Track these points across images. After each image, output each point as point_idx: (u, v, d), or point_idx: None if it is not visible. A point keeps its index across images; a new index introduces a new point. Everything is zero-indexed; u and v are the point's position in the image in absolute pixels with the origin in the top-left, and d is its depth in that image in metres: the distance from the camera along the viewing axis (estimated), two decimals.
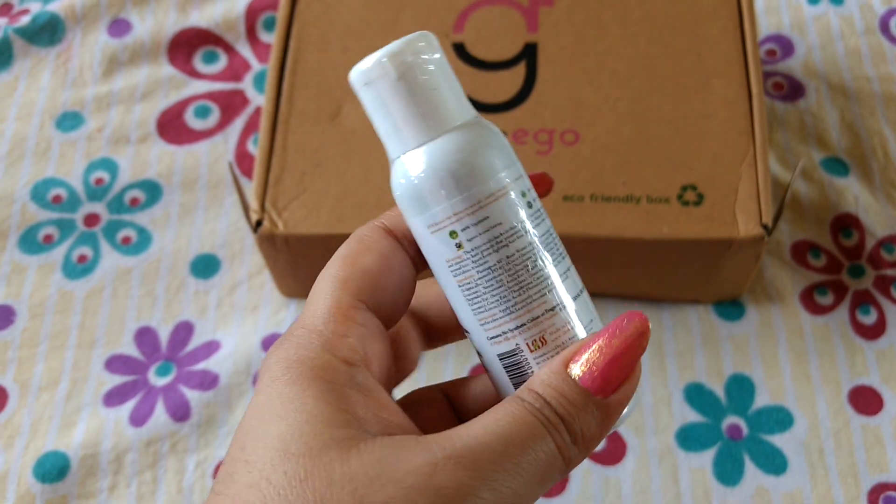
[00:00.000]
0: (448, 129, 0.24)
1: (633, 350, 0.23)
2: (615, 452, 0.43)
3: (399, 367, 0.27)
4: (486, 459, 0.21)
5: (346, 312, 0.24)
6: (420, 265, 0.26)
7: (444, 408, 0.28)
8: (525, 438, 0.22)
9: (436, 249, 0.24)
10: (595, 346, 0.23)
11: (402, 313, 0.26)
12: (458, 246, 0.24)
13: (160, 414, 0.45)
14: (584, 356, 0.23)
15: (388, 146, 0.25)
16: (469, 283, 0.24)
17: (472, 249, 0.24)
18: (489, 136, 0.24)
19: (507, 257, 0.24)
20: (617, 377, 0.23)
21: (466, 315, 0.25)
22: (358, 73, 0.24)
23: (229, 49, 0.57)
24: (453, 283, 0.24)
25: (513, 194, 0.24)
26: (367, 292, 0.25)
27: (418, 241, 0.25)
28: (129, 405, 0.45)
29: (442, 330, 0.28)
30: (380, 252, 0.25)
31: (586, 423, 0.23)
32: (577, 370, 0.23)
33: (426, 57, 0.24)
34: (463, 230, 0.24)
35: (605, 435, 0.24)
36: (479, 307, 0.24)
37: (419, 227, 0.25)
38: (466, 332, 0.26)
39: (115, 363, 0.47)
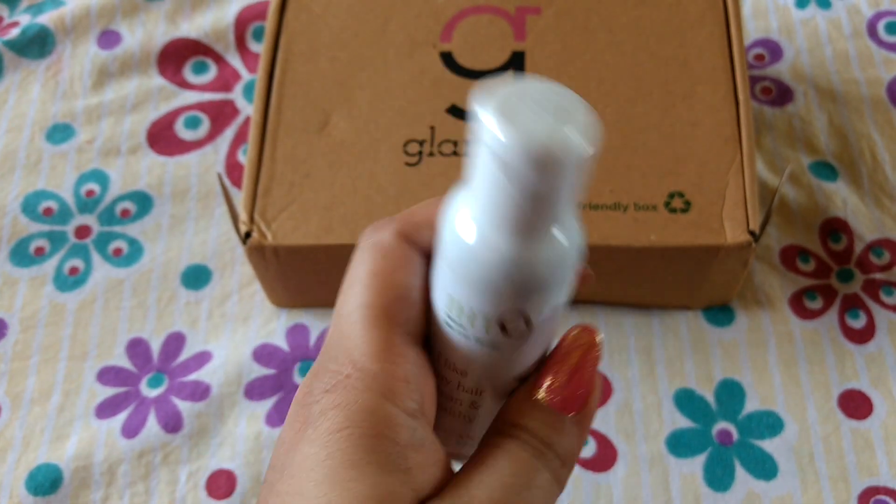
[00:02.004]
0: (540, 237, 0.21)
1: (590, 364, 0.24)
2: (606, 459, 0.43)
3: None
4: None
5: (398, 350, 0.22)
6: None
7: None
8: (529, 479, 0.22)
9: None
10: (553, 373, 0.24)
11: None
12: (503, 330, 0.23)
13: (152, 425, 0.45)
14: (546, 383, 0.24)
15: (474, 202, 0.21)
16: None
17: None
18: (571, 253, 0.22)
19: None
20: (582, 393, 0.23)
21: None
22: (511, 145, 0.19)
23: (219, 59, 0.57)
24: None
25: (558, 310, 0.23)
26: (410, 322, 0.23)
27: (435, 294, 0.23)
28: (122, 417, 0.45)
29: None
30: (412, 270, 0.23)
31: (568, 442, 0.23)
32: (544, 396, 0.23)
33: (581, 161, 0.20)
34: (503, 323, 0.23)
35: (582, 446, 0.24)
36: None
37: (462, 294, 0.22)
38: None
39: (107, 375, 0.47)
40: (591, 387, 0.24)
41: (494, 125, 0.18)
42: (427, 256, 0.24)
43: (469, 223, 0.21)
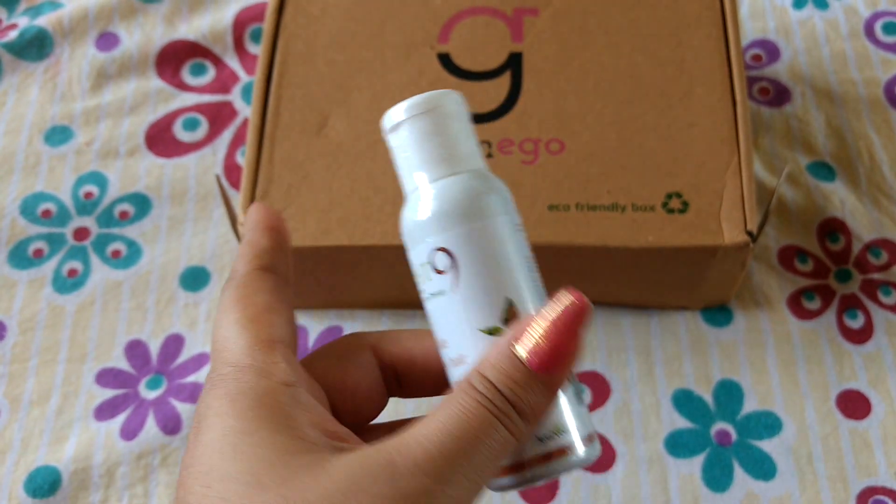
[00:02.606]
0: (458, 172, 0.27)
1: (574, 327, 0.25)
2: (604, 460, 0.43)
3: (359, 409, 0.29)
4: (445, 463, 0.23)
5: (267, 344, 0.26)
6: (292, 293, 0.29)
7: (370, 359, 0.29)
8: (479, 433, 0.24)
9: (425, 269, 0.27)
10: (537, 327, 0.25)
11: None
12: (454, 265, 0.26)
13: (151, 427, 0.45)
14: (527, 338, 0.25)
15: (404, 182, 0.28)
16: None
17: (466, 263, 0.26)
18: (493, 183, 0.27)
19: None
20: (560, 355, 0.24)
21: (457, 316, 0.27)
22: (388, 117, 0.28)
23: (217, 61, 0.57)
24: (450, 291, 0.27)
25: (505, 224, 0.27)
26: (274, 326, 0.26)
27: (415, 257, 0.27)
28: (120, 419, 0.45)
29: (418, 382, 0.29)
30: (266, 288, 0.27)
31: (533, 399, 0.24)
32: (522, 352, 0.24)
33: (446, 109, 0.27)
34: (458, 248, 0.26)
35: (549, 406, 0.25)
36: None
37: (412, 258, 0.27)
38: (443, 342, 0.27)
39: (106, 377, 0.47)
40: (574, 350, 0.25)
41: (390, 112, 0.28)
42: (279, 273, 0.29)
43: (408, 197, 0.28)
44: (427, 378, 0.29)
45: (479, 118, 0.45)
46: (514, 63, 0.47)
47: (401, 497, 0.22)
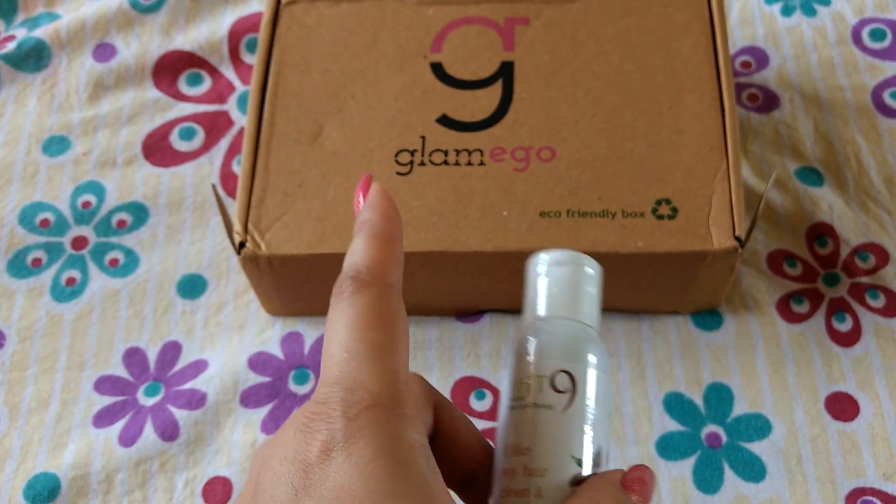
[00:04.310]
0: (584, 320, 0.31)
1: (650, 483, 0.28)
2: None
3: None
4: None
5: (407, 386, 0.24)
6: None
7: (430, 422, 0.29)
8: None
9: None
10: (636, 472, 0.28)
11: None
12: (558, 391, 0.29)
13: (149, 434, 0.45)
14: (632, 477, 0.28)
15: (542, 306, 0.31)
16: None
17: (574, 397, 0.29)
18: (607, 350, 0.31)
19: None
20: (649, 491, 0.28)
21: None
22: (551, 256, 0.32)
23: (213, 71, 0.58)
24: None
25: (610, 384, 0.30)
26: (405, 363, 0.25)
27: (509, 381, 0.30)
28: (119, 425, 0.46)
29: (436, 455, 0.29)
30: (402, 315, 0.25)
31: None
32: (618, 482, 0.27)
33: (597, 277, 0.32)
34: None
35: None
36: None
37: (523, 369, 0.30)
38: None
39: (105, 384, 0.47)
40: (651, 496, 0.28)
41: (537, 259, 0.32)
42: (400, 290, 0.27)
43: (534, 324, 0.31)
44: (449, 457, 0.29)
45: (471, 126, 0.46)
46: (505, 72, 0.48)
47: None
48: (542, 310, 0.31)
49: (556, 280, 0.31)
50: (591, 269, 0.32)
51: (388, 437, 0.23)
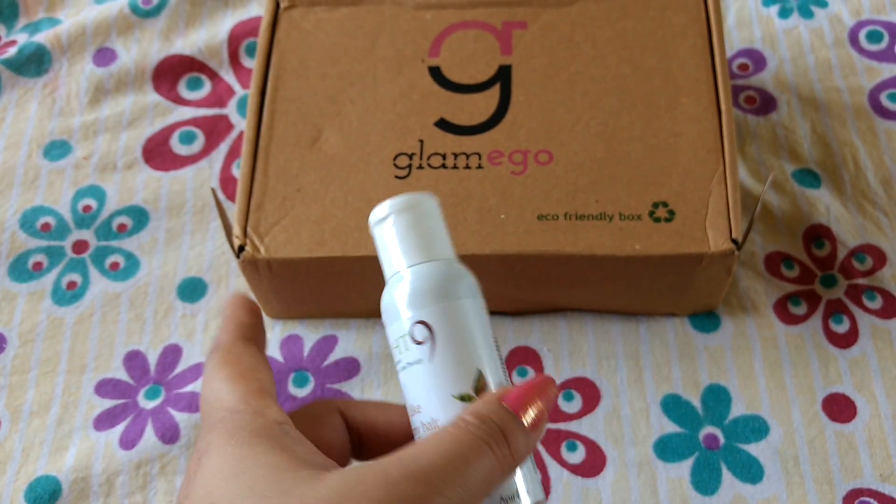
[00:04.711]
0: (434, 259, 0.31)
1: (546, 393, 0.29)
2: (595, 464, 0.44)
3: None
4: (437, 475, 0.25)
5: (258, 393, 0.29)
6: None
7: (340, 423, 0.32)
8: (469, 455, 0.26)
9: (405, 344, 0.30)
10: (519, 388, 0.29)
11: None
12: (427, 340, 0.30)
13: (150, 436, 0.46)
14: (511, 394, 0.29)
15: (385, 267, 0.31)
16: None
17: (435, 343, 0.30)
18: (463, 271, 0.31)
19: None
20: (538, 408, 0.29)
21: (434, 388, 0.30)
22: (375, 213, 0.32)
23: (213, 75, 0.58)
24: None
25: (474, 305, 0.30)
26: (262, 381, 0.30)
27: (394, 332, 0.31)
28: (119, 428, 0.46)
29: (379, 448, 0.32)
30: (251, 353, 0.31)
31: (522, 439, 0.28)
32: (506, 403, 0.28)
33: (423, 207, 0.31)
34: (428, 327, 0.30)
35: (530, 452, 0.29)
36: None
37: (390, 333, 0.30)
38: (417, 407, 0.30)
39: (105, 387, 0.47)
40: (547, 411, 0.29)
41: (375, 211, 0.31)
42: (259, 345, 0.32)
43: (388, 280, 0.31)
44: (387, 445, 0.31)
45: (469, 130, 0.46)
46: (503, 76, 0.48)
47: (395, 499, 0.24)
48: (387, 269, 0.31)
49: (384, 236, 0.31)
50: (414, 205, 0.31)
51: (236, 425, 0.27)
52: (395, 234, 0.31)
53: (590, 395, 0.46)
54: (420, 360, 0.29)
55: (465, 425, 0.27)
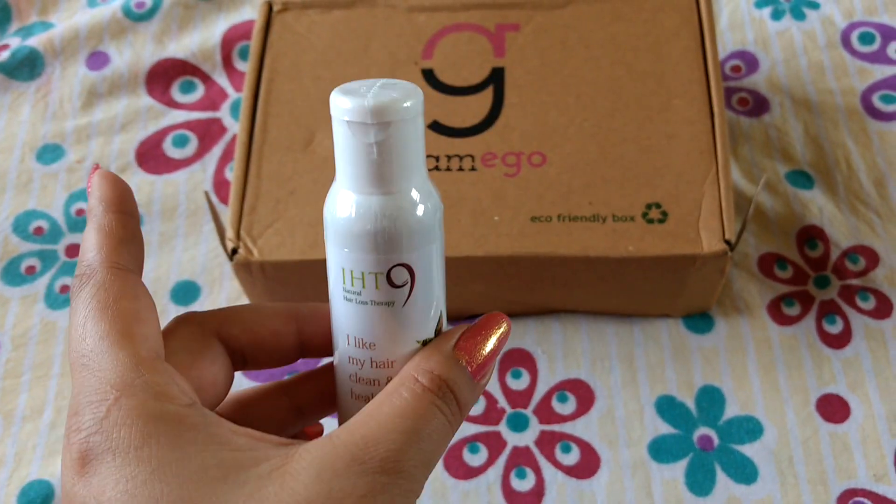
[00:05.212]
0: (411, 186, 0.26)
1: (496, 329, 0.27)
2: (589, 466, 0.44)
3: (219, 397, 0.28)
4: (404, 457, 0.24)
5: (150, 363, 0.24)
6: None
7: (220, 348, 0.28)
8: (424, 421, 0.25)
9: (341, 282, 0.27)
10: (471, 333, 0.27)
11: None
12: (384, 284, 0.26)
13: None
14: (460, 341, 0.27)
15: (340, 177, 0.26)
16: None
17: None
18: (438, 200, 0.27)
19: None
20: (486, 354, 0.27)
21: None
22: (347, 106, 0.25)
23: (206, 78, 0.58)
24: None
25: (442, 242, 0.27)
26: (150, 338, 0.24)
27: (330, 265, 0.27)
28: None
29: (265, 359, 0.29)
30: (133, 293, 0.25)
31: (468, 390, 0.26)
32: (456, 352, 0.27)
33: (408, 117, 0.25)
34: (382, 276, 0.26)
35: (476, 400, 0.27)
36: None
37: (347, 258, 0.26)
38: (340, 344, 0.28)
39: None
40: (494, 353, 0.27)
41: (342, 100, 0.24)
42: (137, 270, 0.26)
43: (343, 196, 0.26)
44: (275, 354, 0.29)
45: (462, 132, 0.46)
46: (496, 78, 0.48)
47: (369, 495, 0.23)
48: (357, 180, 0.25)
49: (364, 143, 0.25)
50: (407, 111, 0.25)
51: (141, 416, 0.22)
52: (381, 148, 0.25)
53: (584, 396, 0.46)
54: (391, 303, 0.27)
55: (422, 391, 0.25)
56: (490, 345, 0.27)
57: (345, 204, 0.26)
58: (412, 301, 0.27)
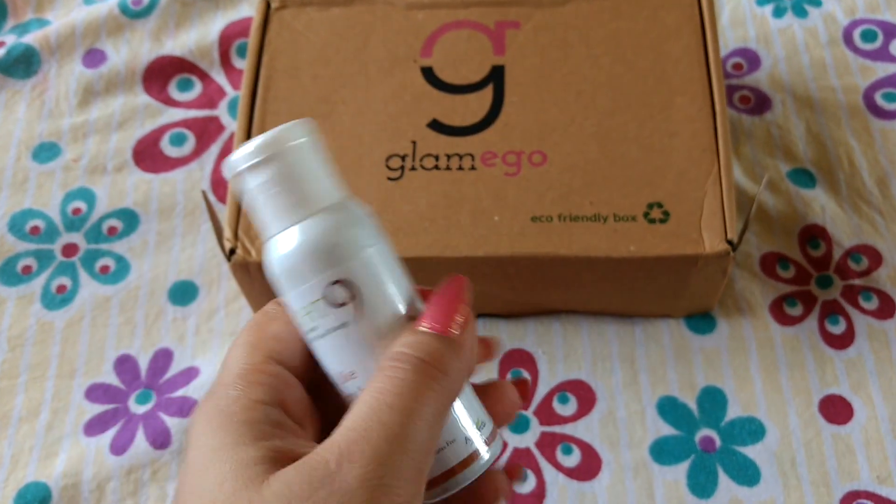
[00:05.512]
0: (315, 211, 0.26)
1: (458, 289, 0.28)
2: (591, 467, 0.44)
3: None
4: (385, 457, 0.24)
5: (258, 367, 0.27)
6: None
7: (301, 394, 0.29)
8: (418, 396, 0.25)
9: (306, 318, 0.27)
10: (435, 304, 0.27)
11: (313, 369, 0.28)
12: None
13: (140, 442, 0.45)
14: (424, 315, 0.27)
15: (260, 229, 0.27)
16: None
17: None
18: (359, 210, 0.27)
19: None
20: (458, 315, 0.27)
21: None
22: (239, 160, 0.26)
23: (204, 76, 0.57)
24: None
25: (384, 243, 0.27)
26: (276, 352, 0.28)
27: (292, 314, 0.27)
28: (110, 434, 0.46)
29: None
30: (285, 320, 0.28)
31: (447, 358, 0.26)
32: (424, 326, 0.27)
33: (293, 144, 0.26)
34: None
35: (462, 365, 0.27)
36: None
37: (293, 300, 0.27)
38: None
39: (96, 392, 0.47)
40: (465, 311, 0.27)
41: (224, 170, 0.25)
42: None
43: (266, 248, 0.27)
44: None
45: (462, 131, 0.46)
46: (496, 76, 0.47)
47: (371, 488, 0.23)
48: (269, 227, 0.26)
49: (257, 189, 0.26)
50: (290, 141, 0.26)
51: (219, 406, 0.26)
52: (273, 185, 0.25)
53: (585, 397, 0.46)
54: (344, 324, 0.26)
55: (396, 364, 0.25)
56: (448, 300, 0.27)
57: (267, 252, 0.27)
58: (365, 314, 0.26)
